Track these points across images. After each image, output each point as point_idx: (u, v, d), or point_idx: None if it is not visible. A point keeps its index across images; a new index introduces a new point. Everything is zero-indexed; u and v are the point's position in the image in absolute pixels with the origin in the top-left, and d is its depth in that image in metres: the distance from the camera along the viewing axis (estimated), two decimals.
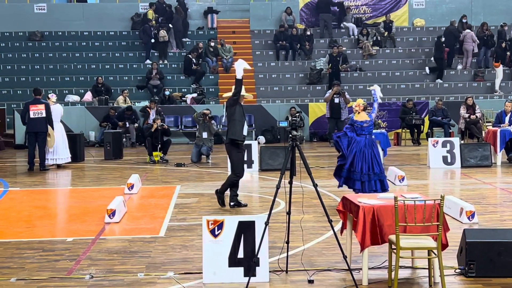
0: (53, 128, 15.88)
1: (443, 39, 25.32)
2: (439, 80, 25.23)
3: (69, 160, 16.50)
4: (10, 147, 21.41)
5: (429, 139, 16.23)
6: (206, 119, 16.80)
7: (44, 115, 15.66)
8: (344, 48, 26.02)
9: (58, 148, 16.17)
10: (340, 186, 11.11)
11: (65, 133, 16.67)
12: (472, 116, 19.67)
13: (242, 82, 10.55)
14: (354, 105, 11.10)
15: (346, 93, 20.62)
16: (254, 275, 6.76)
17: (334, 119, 20.58)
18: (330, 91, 21.07)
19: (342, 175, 10.84)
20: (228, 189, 10.91)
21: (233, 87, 10.75)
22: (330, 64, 24.55)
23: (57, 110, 16.39)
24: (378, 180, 10.73)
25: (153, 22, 26.39)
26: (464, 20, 26.58)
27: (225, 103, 11.02)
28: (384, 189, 10.74)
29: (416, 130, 21.06)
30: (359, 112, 10.93)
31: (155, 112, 20.79)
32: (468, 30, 25.90)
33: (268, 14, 28.24)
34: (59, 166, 16.31)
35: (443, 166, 15.44)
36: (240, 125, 10.63)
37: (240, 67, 10.18)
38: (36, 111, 15.66)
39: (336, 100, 20.44)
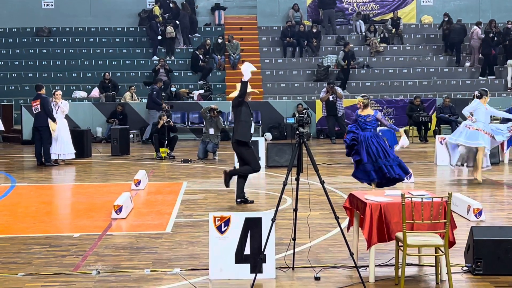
0: (53, 121, 15.89)
1: (491, 34, 25.20)
2: (481, 78, 25.11)
3: (73, 156, 16.50)
4: (18, 142, 21.48)
5: (437, 136, 16.19)
6: (214, 114, 16.79)
7: (39, 110, 15.80)
8: (351, 45, 25.98)
9: (63, 143, 16.20)
10: (368, 182, 11.07)
11: (68, 129, 16.63)
12: None
13: (247, 85, 10.46)
14: (356, 102, 11.16)
15: (337, 89, 20.83)
16: (261, 272, 6.75)
17: (332, 117, 20.71)
18: (324, 89, 21.14)
19: (367, 169, 10.80)
20: (237, 176, 10.90)
21: (238, 86, 10.68)
22: (346, 61, 24.58)
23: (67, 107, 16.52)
24: (397, 165, 10.70)
25: (160, 18, 26.40)
26: (445, 19, 26.45)
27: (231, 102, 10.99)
28: (406, 171, 10.83)
29: (423, 127, 21.02)
30: (362, 109, 10.97)
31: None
32: (475, 27, 25.81)
33: (275, 10, 28.21)
34: (62, 161, 16.34)
35: None
36: (247, 126, 10.62)
37: (248, 70, 10.12)
38: (35, 106, 15.88)
39: (331, 98, 20.56)
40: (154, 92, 21.05)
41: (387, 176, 10.75)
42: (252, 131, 10.82)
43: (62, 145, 16.16)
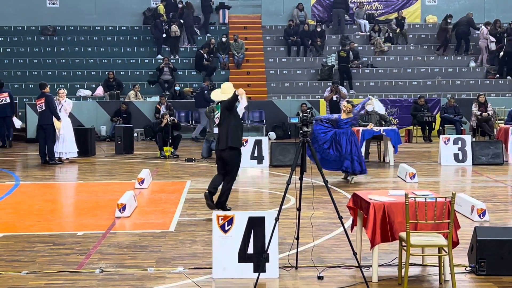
0: (58, 119, 15.94)
1: (505, 34, 25.09)
2: (499, 76, 25.07)
3: (76, 155, 16.54)
4: (22, 140, 21.52)
5: (441, 136, 16.17)
6: None
7: (44, 108, 15.84)
8: (356, 45, 25.96)
9: (66, 142, 16.23)
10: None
11: (71, 128, 16.67)
12: (484, 114, 19.57)
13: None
14: (343, 106, 12.99)
15: (341, 88, 20.83)
16: (264, 271, 6.75)
17: None
18: (328, 89, 21.14)
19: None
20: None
21: (226, 88, 9.90)
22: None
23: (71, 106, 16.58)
24: (354, 161, 12.56)
25: (164, 17, 26.41)
26: (449, 20, 26.33)
27: (219, 103, 9.79)
28: (361, 170, 12.69)
29: (427, 127, 20.99)
30: (347, 113, 12.72)
31: (165, 108, 20.84)
32: (483, 27, 25.74)
33: (280, 9, 28.20)
34: (66, 160, 16.37)
35: (454, 164, 15.38)
36: (239, 130, 9.85)
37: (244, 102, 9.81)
38: (40, 105, 15.92)
39: (334, 98, 20.56)
40: (206, 92, 21.28)
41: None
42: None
43: (65, 143, 16.20)
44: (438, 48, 26.66)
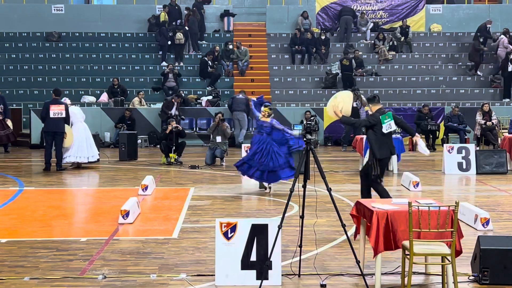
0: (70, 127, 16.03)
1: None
2: (506, 99, 24.54)
3: (93, 159, 16.56)
4: (26, 146, 21.56)
5: (445, 145, 16.16)
6: (219, 123, 16.89)
7: (63, 115, 15.82)
8: (360, 53, 25.98)
9: (80, 147, 16.26)
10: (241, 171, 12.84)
11: (90, 133, 16.75)
12: (488, 123, 19.56)
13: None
14: (262, 111, 12.69)
15: (362, 95, 20.77)
16: (267, 278, 6.75)
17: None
18: None
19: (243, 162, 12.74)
20: None
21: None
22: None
23: (77, 112, 16.64)
24: (270, 172, 12.36)
25: (166, 25, 26.48)
26: (481, 40, 26.15)
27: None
28: (276, 178, 12.53)
29: (431, 136, 20.98)
30: (266, 116, 12.58)
31: (176, 107, 20.93)
32: (502, 36, 25.66)
33: (284, 17, 28.25)
34: (79, 166, 16.37)
35: (458, 173, 15.37)
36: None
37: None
38: (57, 111, 15.82)
39: (355, 104, 20.48)
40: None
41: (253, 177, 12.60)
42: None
43: (79, 148, 16.24)
44: (470, 69, 26.09)
